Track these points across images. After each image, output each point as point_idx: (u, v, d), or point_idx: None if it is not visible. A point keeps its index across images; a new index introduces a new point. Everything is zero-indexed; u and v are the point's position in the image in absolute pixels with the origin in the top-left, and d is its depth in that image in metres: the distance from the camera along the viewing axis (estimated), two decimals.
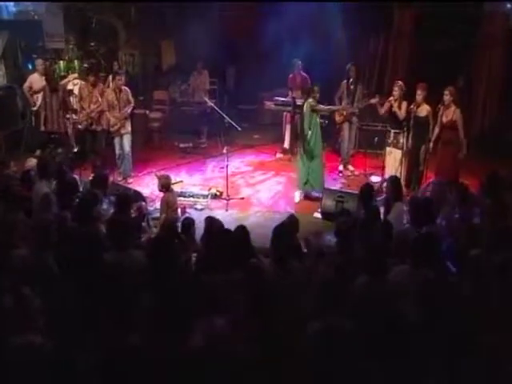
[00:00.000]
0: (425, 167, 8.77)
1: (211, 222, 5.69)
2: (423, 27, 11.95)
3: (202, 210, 8.45)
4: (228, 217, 8.14)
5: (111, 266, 4.37)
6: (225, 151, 10.52)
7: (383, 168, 9.32)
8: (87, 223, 5.61)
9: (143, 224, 7.13)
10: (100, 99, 9.33)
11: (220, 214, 8.06)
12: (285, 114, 11.49)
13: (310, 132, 8.82)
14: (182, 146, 11.52)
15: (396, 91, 8.92)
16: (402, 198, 6.91)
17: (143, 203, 7.69)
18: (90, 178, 7.76)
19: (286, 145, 11.32)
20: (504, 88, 11.57)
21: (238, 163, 10.81)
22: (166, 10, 13.49)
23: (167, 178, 7.71)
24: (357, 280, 4.53)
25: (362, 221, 6.07)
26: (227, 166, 8.85)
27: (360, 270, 4.63)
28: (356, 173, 10.18)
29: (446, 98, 8.35)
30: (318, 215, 8.29)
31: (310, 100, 8.82)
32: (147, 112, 11.81)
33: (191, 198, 8.66)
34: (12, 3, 12.68)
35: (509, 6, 11.81)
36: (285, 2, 11.86)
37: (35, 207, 6.22)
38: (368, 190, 6.59)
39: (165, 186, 7.56)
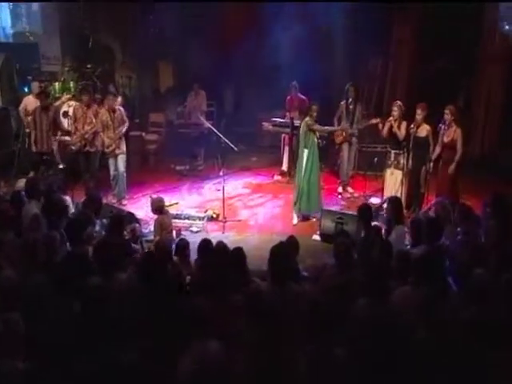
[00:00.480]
0: (426, 188, 8.58)
1: (206, 244, 5.48)
2: (422, 47, 11.86)
3: (197, 232, 8.23)
4: (225, 239, 7.74)
5: (96, 290, 4.14)
6: (221, 173, 10.48)
7: (383, 189, 9.12)
8: (77, 245, 5.43)
9: (137, 246, 6.93)
10: (94, 120, 9.17)
11: (216, 237, 7.80)
12: (283, 135, 11.36)
13: (306, 151, 8.64)
14: (178, 168, 11.36)
15: (395, 111, 8.76)
16: (404, 220, 6.73)
17: (137, 225, 7.48)
18: (83, 200, 7.55)
19: (284, 167, 11.16)
20: (504, 108, 11.45)
21: (236, 185, 10.61)
22: (164, 31, 13.45)
23: (160, 199, 7.54)
24: (357, 302, 4.33)
25: (361, 241, 5.88)
26: (224, 188, 8.65)
27: (360, 292, 4.44)
28: (355, 195, 9.98)
29: (447, 117, 8.20)
30: (316, 237, 8.08)
31: (307, 119, 8.67)
32: (143, 134, 11.67)
33: (187, 220, 8.44)
34: (9, 25, 12.67)
35: (507, 27, 11.78)
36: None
37: (24, 228, 6.03)
38: (367, 210, 6.40)
39: (158, 207, 7.39)
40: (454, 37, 11.54)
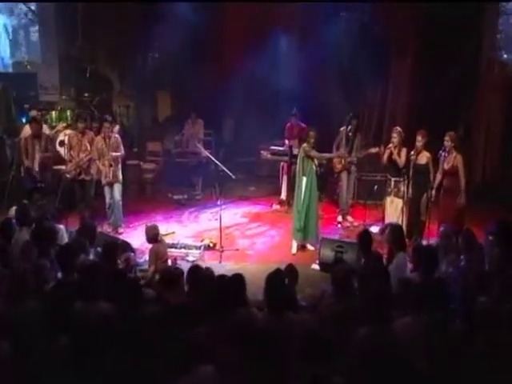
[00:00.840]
0: (427, 217, 8.42)
1: (194, 270, 5.30)
2: (421, 76, 11.83)
3: (194, 261, 8.02)
4: (221, 268, 7.71)
5: (79, 317, 3.98)
6: (219, 203, 10.35)
7: (383, 218, 8.97)
8: (69, 272, 5.27)
9: (131, 276, 6.75)
10: (89, 148, 9.05)
11: (213, 266, 7.64)
12: (281, 164, 11.24)
13: (305, 179, 8.51)
14: (175, 197, 11.22)
15: (395, 137, 8.66)
16: (405, 247, 6.56)
17: (131, 254, 7.32)
18: (77, 228, 7.39)
19: (283, 196, 11.02)
20: (504, 136, 11.36)
21: (234, 215, 10.48)
22: (163, 61, 13.48)
23: (155, 227, 7.37)
24: (357, 331, 4.14)
25: (361, 269, 5.70)
26: (221, 217, 8.50)
27: (360, 321, 4.26)
28: (355, 224, 9.80)
29: (447, 143, 8.09)
30: (315, 266, 7.89)
31: (305, 145, 8.58)
32: (141, 163, 11.58)
33: (183, 250, 8.26)
34: (8, 54, 12.70)
35: (505, 55, 11.77)
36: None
37: (15, 255, 5.86)
38: (366, 236, 6.23)
39: (153, 236, 7.22)
40: (452, 66, 11.56)
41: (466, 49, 11.65)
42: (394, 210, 8.79)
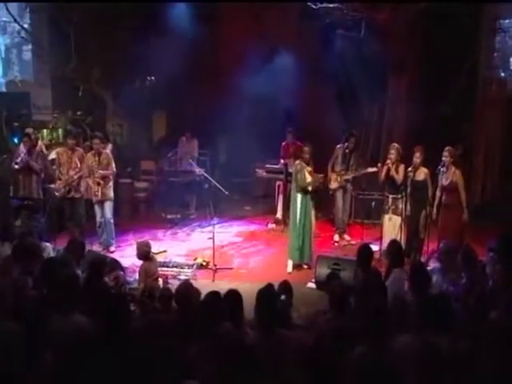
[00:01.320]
0: (425, 235, 8.18)
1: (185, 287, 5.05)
2: (419, 95, 11.69)
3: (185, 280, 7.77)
4: (214, 287, 7.42)
5: (55, 331, 3.73)
6: (214, 221, 10.14)
7: (381, 237, 8.73)
8: (50, 288, 5.01)
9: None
10: (79, 165, 8.82)
11: (206, 285, 7.42)
12: (277, 183, 11.06)
13: (299, 196, 8.29)
14: (169, 216, 11.00)
15: (393, 154, 8.44)
16: (403, 264, 6.32)
17: (121, 273, 7.09)
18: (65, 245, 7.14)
19: (279, 215, 10.80)
20: (504, 154, 11.19)
21: (228, 234, 10.26)
22: (158, 82, 13.33)
23: (147, 244, 7.13)
24: (355, 350, 3.88)
25: (360, 284, 5.45)
26: (214, 235, 8.26)
27: (358, 339, 4.00)
28: (353, 242, 9.56)
29: (446, 159, 7.90)
30: (311, 285, 7.62)
31: (298, 161, 8.39)
32: (134, 182, 11.38)
33: (175, 269, 8.00)
34: (1, 74, 12.56)
35: (503, 74, 11.66)
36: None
37: None
38: (366, 251, 6.00)
39: (144, 253, 6.98)
40: (450, 83, 11.45)
41: (463, 66, 11.56)
42: (393, 227, 8.55)
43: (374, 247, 8.87)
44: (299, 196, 8.29)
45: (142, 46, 11.69)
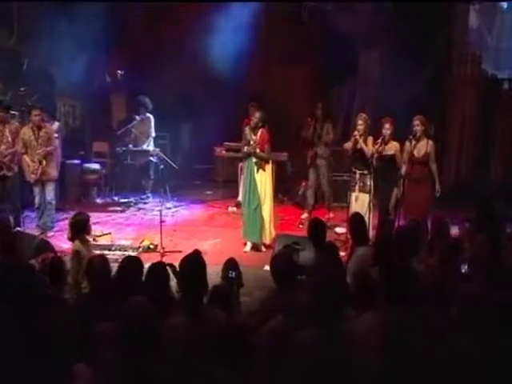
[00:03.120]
0: (396, 214, 7.46)
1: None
2: (389, 72, 10.99)
3: None
4: None
5: None
6: (170, 205, 9.42)
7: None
8: None
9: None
10: (10, 139, 7.87)
11: None
12: (240, 165, 10.25)
13: (246, 168, 7.57)
14: (122, 200, 10.15)
15: (361, 125, 7.67)
16: (368, 241, 5.60)
17: (51, 255, 6.20)
18: None
19: (240, 198, 9.96)
20: (478, 134, 10.55)
21: (184, 217, 9.44)
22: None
23: (83, 217, 6.11)
24: (302, 332, 3.12)
25: (312, 262, 4.72)
26: (161, 216, 7.47)
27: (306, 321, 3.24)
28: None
29: (418, 128, 7.19)
30: (268, 268, 6.82)
31: (246, 128, 7.68)
32: (83, 163, 10.50)
33: (118, 252, 7.17)
34: None
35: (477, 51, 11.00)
36: None
37: None
38: (317, 226, 5.24)
39: (77, 225, 5.97)
40: (423, 60, 10.79)
41: (436, 42, 10.89)
42: (360, 207, 7.79)
43: (341, 230, 8.21)
44: (246, 168, 7.58)
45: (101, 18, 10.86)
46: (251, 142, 7.64)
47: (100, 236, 7.57)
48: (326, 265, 4.38)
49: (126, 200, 10.13)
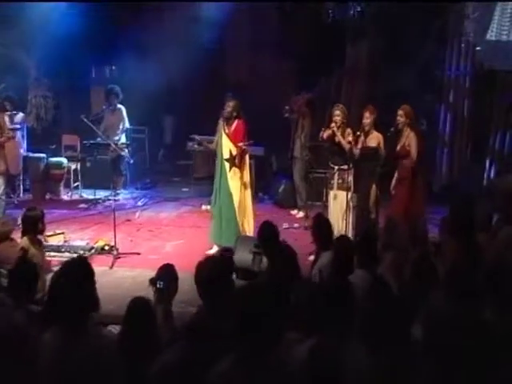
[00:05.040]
0: (377, 213, 6.78)
1: None
2: (378, 64, 10.32)
3: None
4: (110, 276, 6.06)
5: None
6: (140, 203, 8.81)
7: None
8: None
9: None
10: None
11: (101, 272, 5.99)
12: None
13: (217, 163, 6.88)
14: (91, 197, 9.49)
15: (338, 115, 6.96)
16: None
17: None
18: None
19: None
20: (472, 130, 9.82)
21: (152, 216, 8.75)
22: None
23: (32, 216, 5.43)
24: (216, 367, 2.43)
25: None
26: (115, 215, 6.79)
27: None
28: (295, 225, 8.13)
29: (401, 119, 6.49)
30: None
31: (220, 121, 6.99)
32: (48, 157, 9.85)
33: (67, 253, 6.50)
34: None
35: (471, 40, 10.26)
36: None
37: None
38: (268, 230, 4.56)
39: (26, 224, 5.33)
40: (415, 50, 10.11)
41: (430, 31, 10.19)
42: (340, 206, 7.11)
43: None
44: (217, 163, 6.91)
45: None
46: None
47: (51, 236, 6.88)
48: (274, 275, 3.68)
49: (94, 197, 9.44)
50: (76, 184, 9.93)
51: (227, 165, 6.83)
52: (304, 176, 8.72)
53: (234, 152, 6.83)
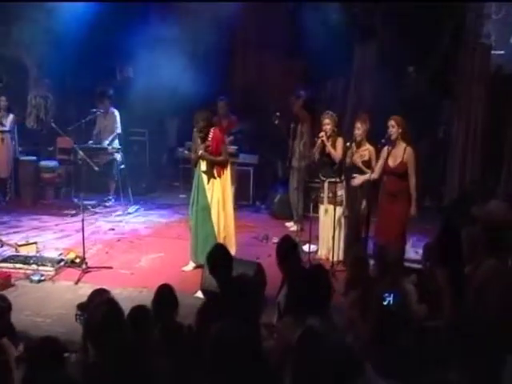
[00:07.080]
0: (367, 231, 6.25)
1: None
2: (388, 65, 9.70)
3: (40, 281, 5.91)
4: (73, 293, 5.66)
5: None
6: (131, 210, 8.44)
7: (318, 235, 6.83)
8: None
9: None
10: None
11: (65, 288, 5.65)
12: None
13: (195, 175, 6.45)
14: (82, 203, 9.08)
15: (328, 124, 6.46)
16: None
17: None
18: None
19: None
20: (486, 140, 9.14)
21: (137, 224, 8.34)
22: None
23: None
24: None
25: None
26: (84, 226, 6.40)
27: None
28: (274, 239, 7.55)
29: (393, 130, 5.92)
30: (200, 294, 5.66)
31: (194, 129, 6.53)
32: (40, 161, 9.55)
33: (34, 266, 6.12)
34: None
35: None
36: None
37: None
38: (219, 252, 4.12)
39: None
40: (427, 52, 9.51)
41: (443, 32, 9.56)
42: (330, 222, 6.60)
43: (313, 247, 6.93)
44: (195, 176, 6.47)
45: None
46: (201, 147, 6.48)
47: (23, 246, 6.53)
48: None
49: (87, 203, 9.07)
50: (67, 188, 9.57)
51: (205, 177, 6.37)
52: (302, 187, 8.16)
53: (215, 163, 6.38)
